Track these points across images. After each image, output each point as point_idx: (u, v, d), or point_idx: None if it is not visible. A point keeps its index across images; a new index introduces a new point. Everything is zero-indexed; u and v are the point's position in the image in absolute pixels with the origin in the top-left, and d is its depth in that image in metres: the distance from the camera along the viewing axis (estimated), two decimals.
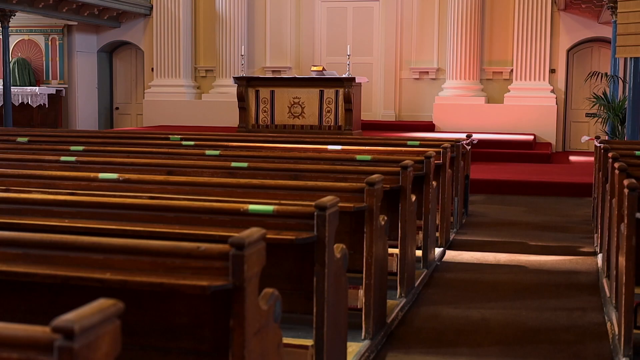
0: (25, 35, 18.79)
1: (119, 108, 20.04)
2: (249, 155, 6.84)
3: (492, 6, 17.18)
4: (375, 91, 17.89)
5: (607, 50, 16.59)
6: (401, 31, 17.73)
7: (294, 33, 18.42)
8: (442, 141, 8.20)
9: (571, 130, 17.25)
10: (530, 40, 16.65)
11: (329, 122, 14.27)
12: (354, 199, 4.56)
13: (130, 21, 19.12)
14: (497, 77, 17.30)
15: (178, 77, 18.73)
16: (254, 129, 14.56)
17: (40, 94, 18.10)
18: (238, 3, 18.14)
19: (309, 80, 14.53)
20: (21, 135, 8.85)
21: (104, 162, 6.17)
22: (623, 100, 12.70)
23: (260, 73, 18.30)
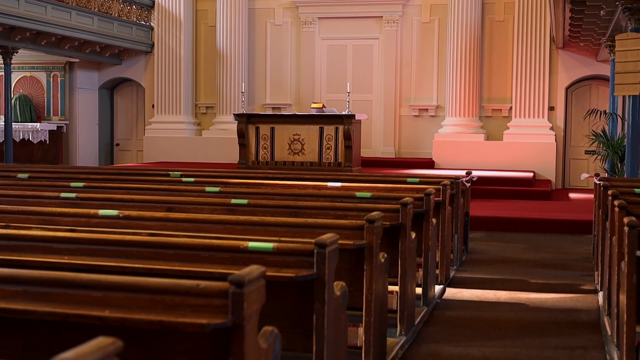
0: (28, 72, 18.90)
1: (119, 144, 20.10)
2: (249, 192, 6.85)
3: (491, 44, 17.31)
4: (375, 128, 17.95)
5: (605, 88, 16.70)
6: (401, 68, 17.84)
7: (294, 70, 18.54)
8: (441, 178, 8.21)
9: (571, 167, 17.29)
10: (529, 78, 16.75)
11: (328, 159, 14.30)
12: (353, 236, 4.56)
13: (131, 58, 19.25)
14: (497, 115, 17.37)
15: (178, 114, 18.81)
16: (254, 165, 14.58)
17: (41, 130, 18.16)
18: (239, 40, 18.29)
19: (309, 117, 14.59)
20: (21, 171, 8.86)
21: (104, 199, 6.17)
22: (622, 137, 12.74)
23: (261, 110, 18.39)
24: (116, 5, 17.80)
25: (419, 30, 17.76)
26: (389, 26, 17.79)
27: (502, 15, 17.28)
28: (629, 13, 9.77)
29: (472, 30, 16.87)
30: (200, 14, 19.17)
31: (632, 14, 9.75)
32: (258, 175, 8.84)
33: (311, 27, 18.27)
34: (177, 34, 18.77)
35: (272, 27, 18.66)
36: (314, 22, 18.25)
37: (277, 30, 18.63)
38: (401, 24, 17.80)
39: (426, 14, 17.71)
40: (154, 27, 19.00)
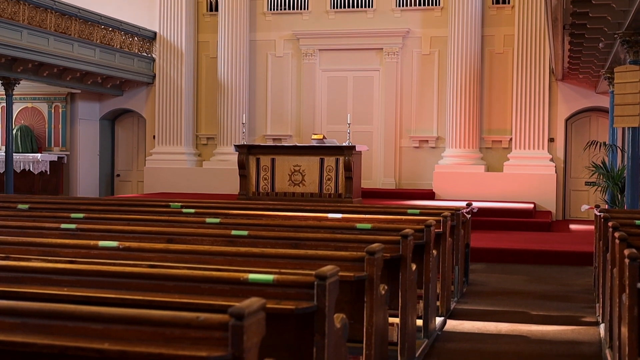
0: (29, 103, 18.97)
1: (120, 175, 20.13)
2: (249, 223, 6.84)
3: (491, 76, 17.40)
4: (375, 159, 17.99)
5: (605, 120, 16.75)
6: (401, 100, 17.92)
7: (295, 101, 18.62)
8: (442, 209, 8.20)
9: (571, 198, 17.29)
10: (529, 110, 16.81)
11: (329, 190, 14.30)
12: (354, 268, 4.55)
13: (132, 89, 19.34)
14: (497, 146, 17.41)
15: (179, 145, 18.86)
16: (255, 196, 14.58)
17: (42, 160, 18.19)
18: (240, 72, 18.39)
19: (310, 148, 14.62)
20: (22, 202, 8.86)
21: (104, 230, 6.17)
22: (622, 169, 12.75)
23: (261, 141, 18.44)
24: (118, 37, 17.92)
25: (419, 62, 17.86)
26: (390, 58, 17.89)
27: (501, 48, 17.39)
28: (627, 45, 9.83)
29: (472, 62, 16.97)
30: (201, 46, 19.29)
31: (630, 46, 9.81)
32: (258, 206, 8.84)
33: (312, 58, 18.38)
34: (178, 66, 18.88)
35: (273, 59, 18.77)
36: (315, 54, 18.36)
37: (278, 62, 18.74)
38: (401, 56, 17.90)
39: (426, 46, 17.82)
40: (156, 58, 19.11)
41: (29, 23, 14.97)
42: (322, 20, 18.39)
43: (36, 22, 15.19)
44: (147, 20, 19.09)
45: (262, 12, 18.81)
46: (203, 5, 19.31)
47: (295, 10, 18.54)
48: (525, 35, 16.81)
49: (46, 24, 15.48)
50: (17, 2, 14.67)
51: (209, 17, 19.18)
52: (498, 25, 17.41)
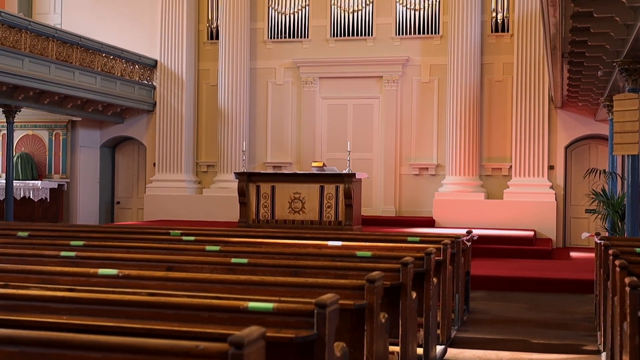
0: (30, 130, 19.01)
1: (120, 202, 20.12)
2: (249, 251, 6.84)
3: (490, 103, 17.46)
4: (375, 187, 17.99)
5: (604, 147, 16.78)
6: (401, 127, 17.96)
7: (295, 129, 18.67)
8: (442, 237, 8.19)
9: (571, 226, 17.27)
10: (529, 137, 16.85)
11: (329, 218, 14.30)
12: (354, 296, 4.53)
13: (133, 117, 19.39)
14: (497, 173, 17.43)
15: (179, 172, 18.88)
16: (255, 224, 14.57)
17: (42, 188, 18.20)
18: (240, 99, 18.46)
19: (310, 176, 14.63)
20: (22, 229, 8.86)
21: (104, 258, 6.16)
22: (622, 196, 12.75)
23: (261, 168, 18.47)
24: (119, 65, 18.00)
25: (418, 90, 17.94)
26: (389, 86, 17.96)
27: (500, 76, 17.47)
28: (626, 74, 9.88)
29: (471, 90, 17.03)
30: (202, 74, 19.38)
31: (629, 74, 9.85)
32: (258, 234, 8.83)
33: (312, 86, 18.46)
34: (179, 93, 18.95)
35: (273, 87, 18.85)
36: (315, 81, 18.44)
37: (278, 90, 18.81)
38: (401, 84, 17.98)
39: (426, 74, 17.90)
40: (156, 86, 19.19)
41: (31, 51, 15.05)
42: (322, 49, 18.49)
43: (38, 50, 15.27)
44: (148, 48, 19.19)
45: (262, 40, 18.92)
46: (204, 34, 19.43)
47: (295, 39, 18.65)
48: (524, 63, 16.89)
49: (48, 52, 15.56)
50: (19, 31, 14.76)
51: (210, 45, 19.29)
52: (497, 54, 17.50)
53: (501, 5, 17.49)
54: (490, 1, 17.54)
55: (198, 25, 19.39)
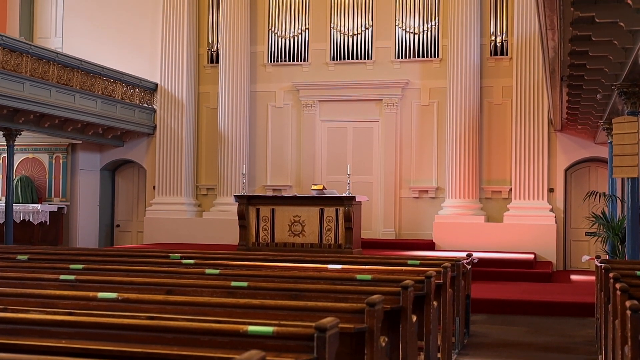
0: (30, 154, 19.04)
1: (119, 225, 20.11)
2: (248, 274, 6.82)
3: (490, 126, 17.50)
4: (375, 209, 17.98)
5: (604, 170, 16.79)
6: (400, 150, 17.99)
7: (295, 152, 18.69)
8: (442, 260, 8.18)
9: (571, 249, 17.25)
10: (528, 160, 16.87)
11: (329, 241, 14.28)
12: (354, 319, 4.52)
13: (133, 140, 19.43)
14: (496, 196, 17.43)
15: (179, 195, 18.88)
16: (254, 247, 14.56)
17: (42, 211, 18.19)
18: (240, 122, 18.50)
19: (310, 198, 14.63)
20: (21, 252, 8.84)
21: (104, 281, 6.14)
22: (622, 219, 12.74)
23: (261, 191, 18.47)
24: (119, 88, 18.06)
25: (418, 113, 17.98)
26: (389, 109, 18.01)
27: (500, 99, 17.52)
28: (625, 97, 9.91)
29: (470, 113, 17.08)
30: (202, 97, 19.44)
31: (628, 97, 9.89)
32: (258, 257, 8.82)
33: (312, 109, 18.50)
34: (179, 117, 19.00)
35: (273, 110, 18.90)
36: (315, 104, 18.49)
37: (278, 113, 18.86)
38: (401, 107, 18.03)
39: (425, 97, 17.96)
40: (157, 109, 19.24)
41: (32, 75, 15.11)
42: (322, 72, 18.56)
43: (39, 73, 15.33)
44: (148, 71, 19.27)
45: (262, 64, 18.99)
46: (204, 57, 19.51)
47: (295, 62, 18.72)
48: (523, 86, 16.94)
49: (48, 75, 15.62)
50: (20, 55, 14.82)
51: (210, 69, 19.37)
52: (496, 77, 17.56)
53: (500, 29, 17.58)
54: (489, 25, 17.63)
55: (198, 48, 19.48)
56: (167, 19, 19.10)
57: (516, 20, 17.04)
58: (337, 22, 18.50)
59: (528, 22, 16.81)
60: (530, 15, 16.54)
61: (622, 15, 7.23)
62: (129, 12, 19.74)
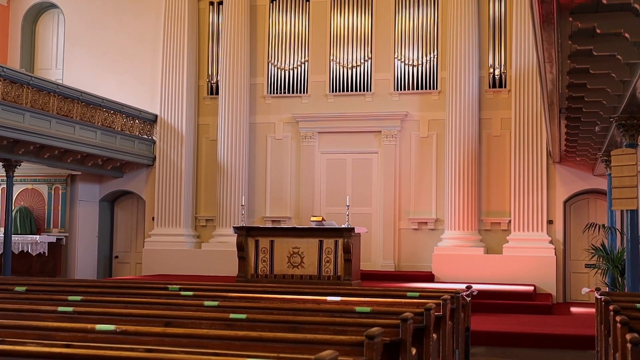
0: (29, 185, 19.04)
1: (118, 257, 20.06)
2: (247, 306, 6.79)
3: (489, 158, 17.53)
4: (374, 241, 17.96)
5: (603, 202, 16.80)
6: (400, 182, 18.00)
7: (294, 183, 18.70)
8: (441, 292, 8.15)
9: (571, 281, 17.20)
10: (527, 192, 16.88)
11: (328, 272, 14.24)
12: (353, 352, 4.49)
13: (133, 171, 19.44)
14: (496, 228, 17.42)
15: (178, 227, 18.85)
16: (253, 278, 14.51)
17: (40, 242, 18.15)
18: (239, 154, 18.53)
19: (309, 230, 14.61)
20: (19, 284, 8.81)
21: (102, 313, 6.12)
22: (621, 251, 12.72)
23: (260, 223, 18.45)
24: (119, 120, 18.12)
25: (417, 145, 18.02)
26: (388, 141, 18.06)
27: (499, 131, 17.57)
28: (623, 129, 9.94)
29: (469, 144, 17.12)
30: (202, 128, 19.50)
31: (626, 130, 9.91)
32: (257, 289, 8.79)
33: (311, 141, 18.54)
34: (178, 148, 19.03)
35: (273, 141, 18.94)
36: (314, 136, 18.53)
37: (278, 144, 18.90)
38: (400, 139, 18.07)
39: (424, 129, 18.01)
40: (156, 140, 19.28)
41: (32, 106, 15.16)
42: (321, 104, 18.63)
43: (39, 105, 15.38)
44: (148, 103, 19.35)
45: (262, 96, 19.08)
46: (204, 89, 19.60)
47: (294, 94, 18.81)
48: (522, 118, 17.00)
49: (49, 106, 15.67)
50: (20, 86, 14.89)
51: (210, 101, 19.45)
52: (495, 109, 17.63)
53: (498, 61, 17.68)
54: (487, 57, 17.73)
55: (198, 80, 19.58)
56: (167, 51, 19.21)
57: (514, 53, 17.15)
58: (337, 54, 18.61)
59: (526, 55, 16.91)
60: (529, 48, 16.63)
61: (620, 48, 7.27)
62: (129, 44, 19.86)
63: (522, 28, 16.96)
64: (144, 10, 19.85)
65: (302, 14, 19.02)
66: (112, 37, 20.03)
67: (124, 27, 19.98)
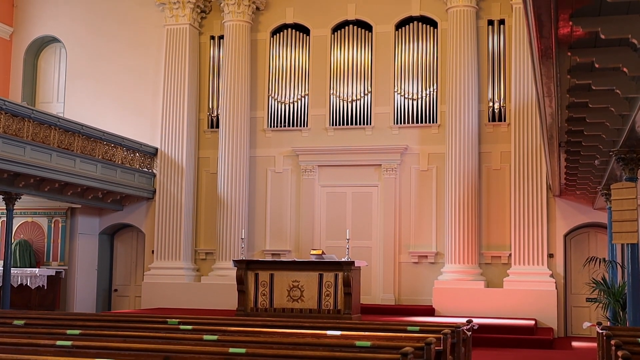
0: (29, 218, 19.02)
1: (117, 290, 19.98)
2: (247, 340, 6.76)
3: (489, 191, 17.54)
4: (374, 274, 17.91)
5: (603, 236, 16.77)
6: (400, 215, 17.99)
7: (294, 216, 18.69)
8: (442, 326, 8.12)
9: (572, 315, 17.12)
10: (528, 225, 16.85)
11: (328, 306, 14.19)
12: None
13: (133, 204, 19.44)
14: (496, 262, 17.38)
15: (178, 260, 18.81)
16: (253, 312, 14.45)
17: (39, 275, 18.08)
18: (239, 187, 18.54)
19: (309, 264, 14.59)
20: (18, 317, 8.78)
21: (101, 347, 6.09)
22: (622, 285, 12.67)
23: (260, 256, 18.41)
24: (120, 153, 18.16)
25: (417, 178, 18.04)
26: (388, 174, 18.08)
27: (498, 164, 17.60)
28: (622, 163, 9.96)
29: (469, 178, 17.14)
30: (202, 162, 19.53)
31: (625, 163, 9.93)
32: (257, 323, 8.75)
33: (311, 174, 18.57)
34: (178, 181, 19.05)
35: (273, 175, 18.97)
36: (314, 169, 18.56)
37: (278, 178, 18.93)
38: (400, 172, 18.10)
39: (424, 163, 18.04)
40: (156, 173, 19.30)
41: (33, 139, 15.20)
42: (321, 137, 18.68)
43: (40, 138, 15.43)
44: (149, 136, 19.40)
45: (262, 129, 19.14)
46: (204, 122, 19.67)
47: (294, 127, 18.86)
48: (521, 152, 17.03)
49: (49, 140, 15.72)
50: (22, 119, 14.94)
51: (210, 134, 19.50)
52: (495, 142, 17.68)
53: (498, 95, 17.77)
54: (487, 91, 17.82)
55: (199, 113, 19.66)
56: (168, 84, 19.31)
57: (514, 87, 17.23)
58: (337, 88, 18.71)
59: (525, 89, 16.99)
60: (528, 82, 16.72)
61: (618, 83, 7.31)
62: (130, 78, 19.97)
63: (521, 62, 17.07)
64: (146, 44, 19.98)
65: (302, 48, 19.15)
66: (114, 70, 20.14)
67: (125, 60, 20.09)
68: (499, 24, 18.03)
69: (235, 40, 18.92)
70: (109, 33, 20.31)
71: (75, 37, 20.61)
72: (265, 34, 19.41)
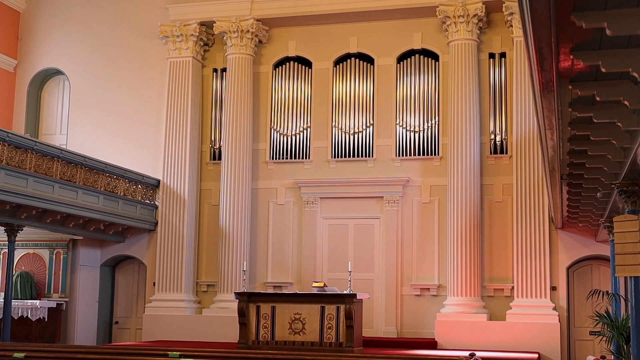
0: (31, 249, 19.00)
1: (118, 322, 19.90)
2: None
3: (491, 224, 17.52)
4: (376, 307, 17.84)
5: (606, 268, 16.73)
6: (402, 247, 17.97)
7: (296, 249, 18.67)
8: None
9: (576, 348, 17.02)
10: (530, 258, 16.82)
11: (330, 339, 14.12)
12: None
13: (134, 236, 19.43)
14: (499, 294, 17.32)
15: (179, 292, 18.75)
16: (254, 345, 14.38)
17: (40, 307, 18.02)
18: (241, 219, 18.54)
19: (310, 296, 14.54)
20: (18, 350, 8.74)
21: None
22: (626, 319, 12.61)
23: (262, 288, 18.36)
24: (122, 185, 18.19)
25: (419, 210, 18.04)
26: (390, 206, 18.08)
27: (500, 196, 17.61)
28: (625, 195, 9.95)
29: (471, 210, 17.13)
30: (204, 194, 19.56)
31: (628, 196, 9.93)
32: (258, 356, 8.71)
33: (313, 206, 18.57)
34: (180, 213, 19.05)
35: (275, 207, 18.97)
36: (316, 201, 18.57)
37: (280, 210, 18.93)
38: (402, 204, 18.10)
39: (426, 195, 18.05)
40: (158, 205, 19.31)
41: (36, 171, 15.24)
42: (323, 169, 18.72)
43: (42, 170, 15.46)
44: (151, 168, 19.45)
45: (264, 161, 19.18)
46: (206, 154, 19.72)
47: (296, 160, 18.91)
48: (523, 184, 17.04)
49: (52, 171, 15.75)
50: (25, 151, 14.99)
51: (212, 166, 19.55)
52: (497, 175, 17.70)
53: (500, 128, 17.82)
54: (488, 123, 17.88)
55: (201, 145, 19.72)
56: (170, 116, 19.39)
57: (515, 119, 17.29)
58: (339, 120, 18.78)
59: (527, 121, 17.04)
60: (529, 115, 16.78)
61: (620, 116, 7.33)
62: (133, 110, 20.06)
63: (523, 95, 17.14)
64: (149, 76, 20.10)
65: (304, 81, 19.25)
66: (116, 102, 20.23)
67: (128, 93, 20.20)
68: (500, 57, 18.14)
69: (238, 73, 19.04)
70: (112, 65, 20.44)
71: (78, 70, 20.73)
72: (267, 66, 19.53)
